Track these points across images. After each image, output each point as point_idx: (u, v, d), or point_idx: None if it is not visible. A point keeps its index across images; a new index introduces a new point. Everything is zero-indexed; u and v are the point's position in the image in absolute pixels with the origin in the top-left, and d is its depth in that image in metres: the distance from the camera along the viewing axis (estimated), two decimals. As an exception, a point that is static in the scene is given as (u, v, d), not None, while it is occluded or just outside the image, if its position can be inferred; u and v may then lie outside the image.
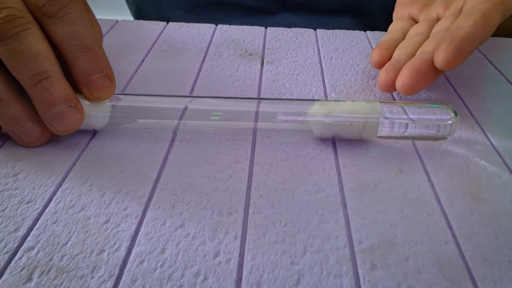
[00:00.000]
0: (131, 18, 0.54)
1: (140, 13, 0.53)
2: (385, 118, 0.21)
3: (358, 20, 0.47)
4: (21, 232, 0.17)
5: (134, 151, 0.22)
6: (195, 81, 0.29)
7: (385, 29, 0.33)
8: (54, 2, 0.20)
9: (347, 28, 0.38)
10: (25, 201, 0.18)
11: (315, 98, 0.27)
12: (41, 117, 0.20)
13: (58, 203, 0.18)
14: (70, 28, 0.20)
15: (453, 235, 0.17)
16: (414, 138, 0.22)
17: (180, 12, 0.47)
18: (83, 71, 0.21)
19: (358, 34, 0.37)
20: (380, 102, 0.22)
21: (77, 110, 0.21)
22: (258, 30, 0.37)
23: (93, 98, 0.21)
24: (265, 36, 0.36)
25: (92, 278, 0.15)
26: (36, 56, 0.19)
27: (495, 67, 0.32)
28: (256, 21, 0.40)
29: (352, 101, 0.22)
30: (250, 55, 0.33)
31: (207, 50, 0.33)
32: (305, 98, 0.27)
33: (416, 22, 0.31)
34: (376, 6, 0.46)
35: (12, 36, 0.19)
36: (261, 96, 0.25)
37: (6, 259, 0.16)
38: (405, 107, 0.22)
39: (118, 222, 0.18)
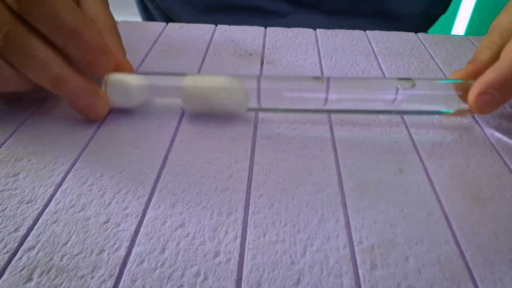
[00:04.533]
0: (131, 19, 0.54)
1: (149, 15, 0.53)
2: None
3: (372, 22, 0.46)
4: (21, 232, 0.17)
5: (134, 151, 0.22)
6: (195, 81, 0.29)
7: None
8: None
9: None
10: (25, 201, 0.18)
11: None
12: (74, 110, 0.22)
13: (58, 203, 0.18)
14: (49, 21, 0.20)
15: (454, 235, 0.17)
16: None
17: (192, 15, 0.47)
18: (77, 55, 0.21)
19: (358, 34, 0.37)
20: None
21: (99, 96, 0.22)
22: (258, 30, 0.37)
23: (98, 74, 0.22)
24: (265, 36, 0.36)
25: (92, 278, 0.15)
26: (45, 63, 0.20)
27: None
28: (268, 24, 0.40)
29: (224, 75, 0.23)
30: (250, 55, 0.33)
31: (207, 50, 0.33)
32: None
33: None
34: (389, 6, 0.46)
35: (16, 52, 0.20)
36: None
37: (6, 259, 0.16)
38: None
39: (118, 222, 0.18)
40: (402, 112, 0.24)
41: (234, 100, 0.23)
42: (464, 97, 0.23)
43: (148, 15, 0.54)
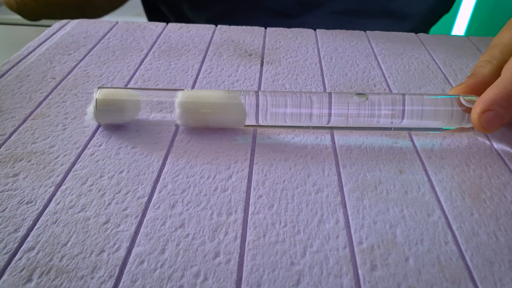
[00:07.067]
0: (131, 19, 0.54)
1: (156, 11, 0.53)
2: None
3: (380, 22, 0.46)
4: (20, 233, 0.17)
5: (134, 151, 0.22)
6: (195, 82, 0.29)
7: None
8: None
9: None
10: (25, 201, 0.18)
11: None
12: None
13: (58, 203, 0.18)
14: None
15: (453, 235, 0.17)
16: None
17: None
18: None
19: (358, 34, 0.37)
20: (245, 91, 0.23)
21: None
22: (258, 30, 0.37)
23: None
24: (264, 37, 0.36)
25: (92, 278, 0.15)
26: None
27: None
28: (279, 25, 0.39)
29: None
30: (250, 55, 0.33)
31: (207, 51, 0.33)
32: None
33: None
34: (397, 6, 0.46)
35: None
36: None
37: (6, 259, 0.16)
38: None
39: (118, 223, 0.18)
40: (402, 129, 0.23)
41: (231, 117, 0.22)
42: (467, 112, 0.22)
43: (154, 15, 0.54)
